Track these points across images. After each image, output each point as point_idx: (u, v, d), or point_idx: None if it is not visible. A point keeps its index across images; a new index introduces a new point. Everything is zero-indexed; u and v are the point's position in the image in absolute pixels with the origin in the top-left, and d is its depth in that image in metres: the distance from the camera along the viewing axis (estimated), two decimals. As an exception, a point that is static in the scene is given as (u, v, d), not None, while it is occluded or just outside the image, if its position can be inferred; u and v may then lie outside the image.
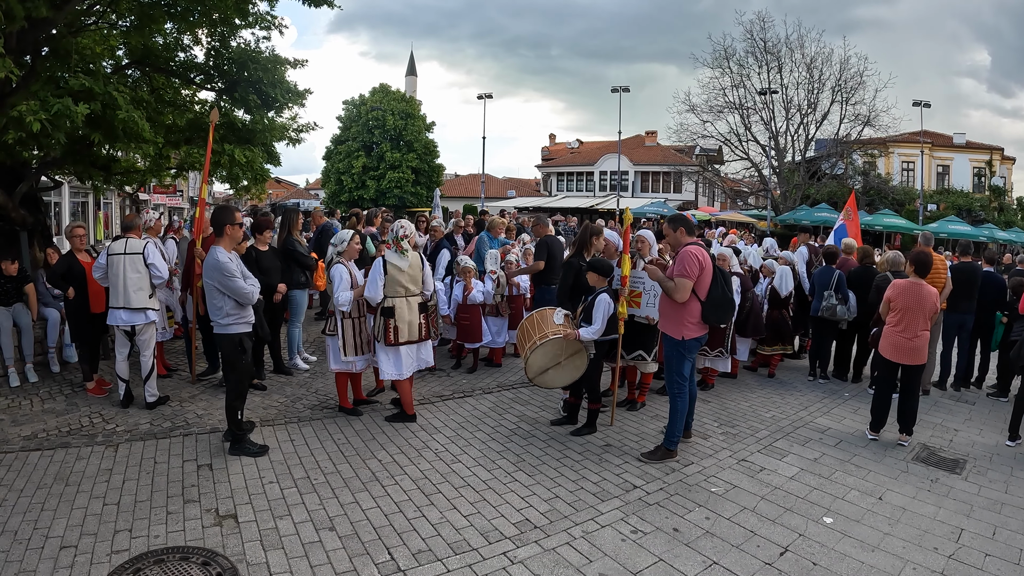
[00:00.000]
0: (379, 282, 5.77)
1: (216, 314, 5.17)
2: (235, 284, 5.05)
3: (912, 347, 5.90)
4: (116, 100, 6.69)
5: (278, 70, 9.23)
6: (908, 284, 6.00)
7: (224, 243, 5.19)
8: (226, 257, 5.08)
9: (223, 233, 5.20)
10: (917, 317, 5.88)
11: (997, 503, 4.76)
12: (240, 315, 5.21)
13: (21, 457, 5.06)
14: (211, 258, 5.08)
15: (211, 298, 5.15)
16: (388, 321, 5.83)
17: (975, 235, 25.28)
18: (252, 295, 5.18)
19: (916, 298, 5.89)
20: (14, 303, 7.10)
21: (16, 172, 8.47)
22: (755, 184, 37.73)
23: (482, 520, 4.24)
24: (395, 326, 5.83)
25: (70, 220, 23.42)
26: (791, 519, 4.38)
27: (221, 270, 5.01)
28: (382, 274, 5.79)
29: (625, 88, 37.07)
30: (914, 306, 5.89)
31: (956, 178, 38.90)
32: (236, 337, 5.21)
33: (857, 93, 32.00)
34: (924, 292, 5.90)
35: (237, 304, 5.16)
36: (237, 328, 5.21)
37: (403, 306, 5.88)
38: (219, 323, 5.18)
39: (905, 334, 5.92)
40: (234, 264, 5.13)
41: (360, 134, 46.81)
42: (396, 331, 5.84)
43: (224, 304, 5.12)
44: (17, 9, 5.86)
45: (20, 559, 3.61)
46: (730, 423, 6.41)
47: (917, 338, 5.89)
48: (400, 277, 5.84)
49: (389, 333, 5.83)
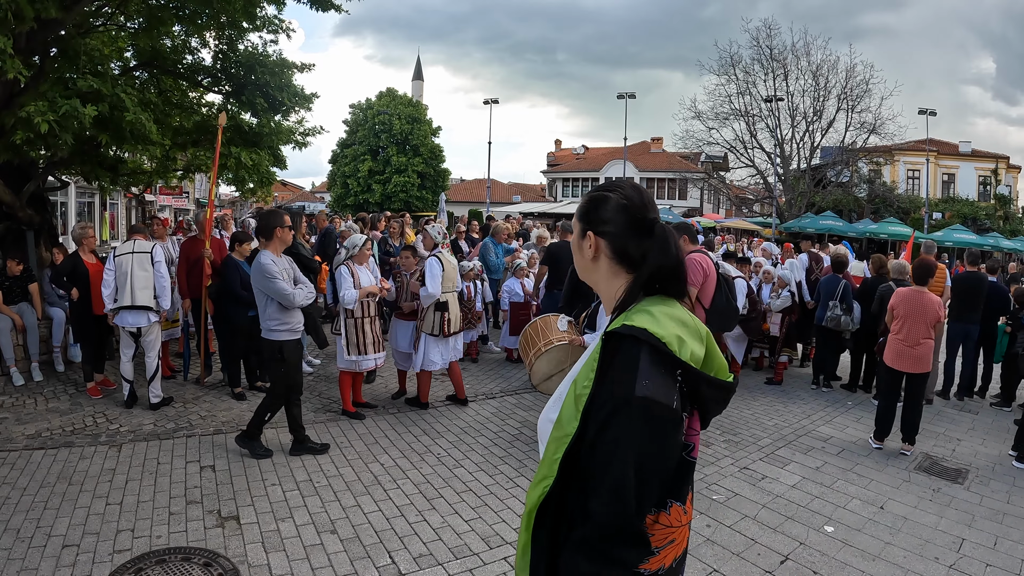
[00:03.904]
0: (439, 280, 6.13)
1: (262, 318, 5.15)
2: (276, 286, 5.02)
3: (914, 355, 5.89)
4: (124, 101, 6.73)
5: (285, 73, 9.27)
6: (910, 292, 6.01)
7: (272, 246, 5.16)
8: (269, 259, 5.06)
9: (272, 236, 5.16)
10: (918, 325, 5.88)
11: (999, 513, 4.74)
12: (283, 321, 5.16)
13: (25, 456, 5.09)
14: (256, 263, 5.07)
15: (258, 302, 5.16)
16: (444, 315, 6.26)
17: (980, 244, 25.18)
18: (294, 298, 5.10)
19: (917, 306, 5.90)
20: (19, 302, 7.14)
21: (23, 172, 8.51)
22: (760, 191, 37.71)
23: (483, 525, 4.25)
24: (448, 319, 6.31)
25: (76, 220, 23.54)
26: (792, 527, 4.37)
27: (263, 272, 5.00)
28: (440, 272, 6.15)
29: (631, 94, 37.07)
30: (915, 314, 5.89)
31: (962, 186, 38.76)
32: (276, 344, 5.17)
33: (863, 101, 31.99)
34: (926, 300, 5.90)
35: (281, 308, 5.12)
36: (280, 335, 5.16)
37: (453, 300, 6.44)
38: (265, 327, 5.16)
39: (907, 342, 5.92)
40: (277, 267, 5.08)
41: (366, 138, 46.90)
42: (449, 323, 6.34)
43: (268, 308, 5.11)
44: (27, 10, 5.90)
45: (22, 557, 3.62)
46: (732, 431, 6.40)
47: (919, 346, 5.88)
48: (452, 274, 6.38)
49: (446, 325, 6.29)
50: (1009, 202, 37.89)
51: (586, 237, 1.54)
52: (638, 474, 1.23)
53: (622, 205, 1.50)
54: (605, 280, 1.55)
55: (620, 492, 1.22)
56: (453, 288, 6.50)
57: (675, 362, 1.30)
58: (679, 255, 1.48)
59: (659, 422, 1.26)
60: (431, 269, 6.15)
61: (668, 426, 1.28)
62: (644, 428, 1.24)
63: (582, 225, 1.57)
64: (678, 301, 1.48)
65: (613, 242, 1.51)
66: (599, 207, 1.53)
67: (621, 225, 1.50)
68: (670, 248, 1.46)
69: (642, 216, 1.50)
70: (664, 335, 1.30)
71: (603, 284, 1.56)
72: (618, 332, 1.33)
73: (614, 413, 1.26)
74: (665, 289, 1.46)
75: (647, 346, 1.29)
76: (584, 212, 1.57)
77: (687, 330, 1.38)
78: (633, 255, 1.49)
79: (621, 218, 1.50)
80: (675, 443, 1.31)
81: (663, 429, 1.27)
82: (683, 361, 1.30)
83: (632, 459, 1.23)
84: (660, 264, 1.45)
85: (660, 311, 1.39)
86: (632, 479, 1.23)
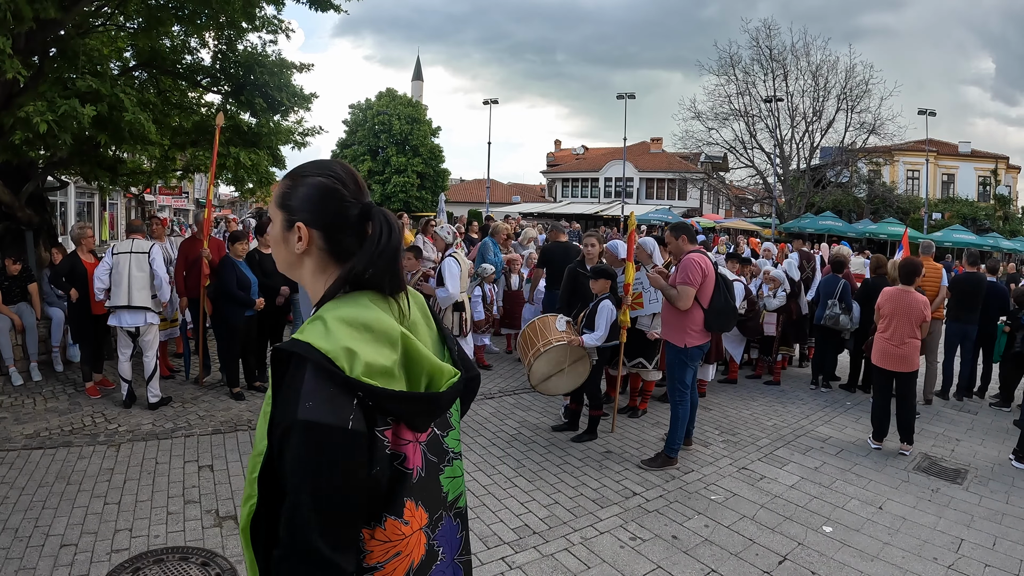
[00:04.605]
0: (458, 280, 6.21)
1: None
2: None
3: (899, 354, 5.90)
4: (123, 102, 6.72)
5: (284, 73, 9.26)
6: (896, 291, 6.03)
7: None
8: None
9: None
10: (904, 324, 5.89)
11: (998, 514, 4.74)
12: None
13: (23, 455, 5.09)
14: None
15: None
16: (463, 315, 6.40)
17: (980, 244, 25.20)
18: None
19: (903, 305, 5.91)
20: (18, 302, 7.14)
21: (23, 172, 8.51)
22: (760, 192, 37.73)
23: (481, 525, 4.25)
24: (466, 318, 6.48)
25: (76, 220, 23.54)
26: (790, 528, 4.37)
27: None
28: (459, 272, 6.23)
29: (631, 95, 37.12)
30: (900, 313, 5.90)
31: (961, 187, 38.78)
32: None
33: (862, 101, 32.08)
34: (911, 299, 5.91)
35: None
36: None
37: (466, 300, 6.57)
38: None
39: (892, 340, 5.93)
40: None
41: (366, 138, 46.94)
42: (467, 323, 6.51)
43: None
44: (26, 10, 5.90)
45: (20, 556, 3.62)
46: (731, 431, 6.41)
47: (905, 345, 5.89)
48: (466, 275, 6.47)
49: (464, 325, 6.46)
50: (1008, 202, 37.92)
51: (293, 229, 1.33)
52: (316, 498, 1.14)
53: (334, 190, 1.33)
54: (312, 276, 1.37)
55: (297, 516, 1.14)
56: (464, 288, 6.53)
57: (345, 380, 1.16)
58: (397, 245, 1.32)
59: (328, 447, 1.14)
60: (450, 269, 6.14)
61: (339, 450, 1.15)
62: (312, 453, 1.14)
63: (285, 214, 1.35)
64: (393, 297, 1.34)
65: (327, 232, 1.33)
66: (308, 193, 1.33)
67: (333, 212, 1.32)
68: (389, 236, 1.31)
69: (358, 201, 1.34)
70: (330, 349, 1.16)
71: (309, 281, 1.38)
72: (283, 349, 1.20)
73: (284, 436, 1.16)
74: (377, 284, 1.31)
75: (311, 363, 1.16)
76: (286, 198, 1.35)
77: (370, 336, 1.22)
78: (348, 247, 1.33)
79: (334, 205, 1.32)
80: (356, 465, 1.18)
81: (333, 453, 1.14)
82: (353, 379, 1.16)
83: (307, 484, 1.14)
84: (371, 256, 1.29)
85: (341, 316, 1.23)
86: (308, 503, 1.13)
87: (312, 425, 1.13)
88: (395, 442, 1.26)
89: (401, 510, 1.27)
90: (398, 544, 1.27)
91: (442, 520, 1.39)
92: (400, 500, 1.27)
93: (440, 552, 1.39)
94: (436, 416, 1.34)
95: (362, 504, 1.20)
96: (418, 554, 1.32)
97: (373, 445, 1.21)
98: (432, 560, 1.36)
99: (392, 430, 1.25)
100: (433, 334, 1.47)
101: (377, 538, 1.24)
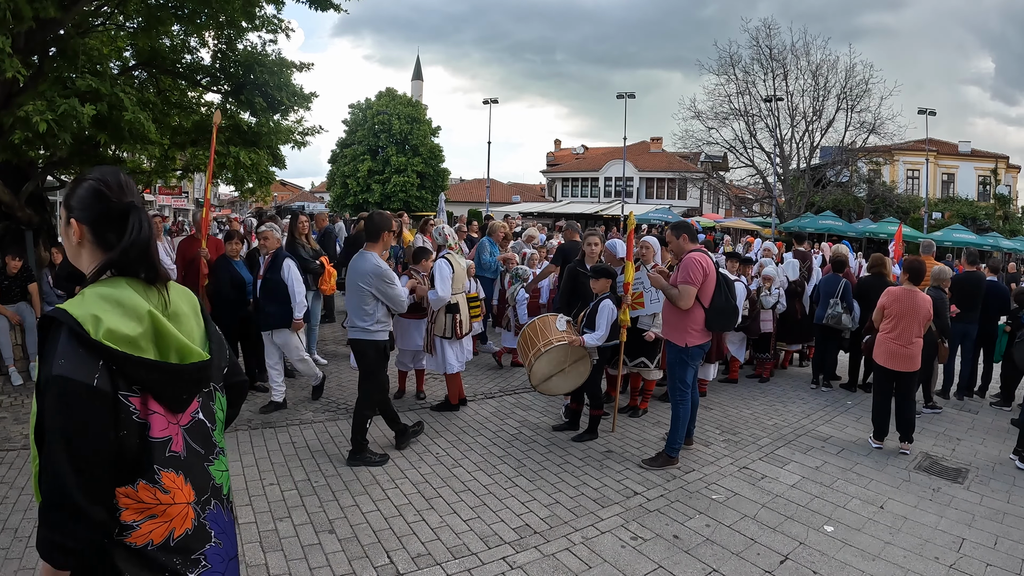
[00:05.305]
0: (448, 282, 6.07)
1: (365, 320, 5.06)
2: (395, 291, 5.02)
3: (906, 354, 5.90)
4: (123, 101, 6.72)
5: (284, 73, 9.26)
6: (902, 291, 6.01)
7: (378, 248, 5.13)
8: (383, 262, 5.04)
9: (379, 239, 5.13)
10: (911, 324, 5.88)
11: (999, 513, 4.73)
12: (388, 323, 5.20)
13: (23, 455, 5.08)
14: (369, 263, 4.99)
15: (362, 303, 5.05)
16: (456, 317, 6.26)
17: (980, 244, 25.20)
18: (406, 304, 5.17)
19: (910, 305, 5.90)
20: (18, 302, 7.13)
21: (22, 171, 8.52)
22: (760, 191, 37.70)
23: (482, 525, 4.24)
24: (460, 320, 6.32)
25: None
26: (792, 527, 4.36)
27: (383, 276, 4.97)
28: (450, 274, 6.09)
29: (630, 94, 37.14)
30: (908, 313, 5.90)
31: (961, 186, 38.81)
32: (382, 344, 5.15)
33: (862, 101, 31.98)
34: (918, 299, 5.91)
35: (388, 311, 5.14)
36: (383, 335, 5.16)
37: (462, 302, 6.40)
38: (367, 329, 5.08)
39: (899, 341, 5.92)
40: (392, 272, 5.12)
41: (366, 138, 46.91)
42: (461, 324, 6.35)
43: (376, 311, 5.06)
44: (25, 9, 5.90)
45: (20, 556, 3.62)
46: (732, 430, 6.40)
47: (911, 345, 5.89)
48: (461, 275, 6.33)
49: (458, 327, 6.30)
50: (1008, 202, 37.95)
51: (70, 224, 1.58)
52: (68, 449, 1.32)
53: (97, 191, 1.56)
54: (87, 264, 1.59)
55: (53, 466, 1.32)
56: (462, 289, 6.44)
57: (90, 342, 1.37)
58: (149, 237, 1.54)
59: (76, 400, 1.34)
60: (440, 271, 6.06)
61: (86, 404, 1.35)
62: (62, 406, 1.33)
63: (66, 212, 1.59)
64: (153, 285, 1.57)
65: (93, 227, 1.57)
66: (80, 194, 1.57)
67: (98, 211, 1.56)
68: (139, 231, 1.53)
69: (118, 200, 1.56)
70: (80, 315, 1.39)
71: (86, 268, 1.60)
72: (46, 315, 1.43)
73: (43, 392, 1.36)
74: (133, 271, 1.54)
75: (65, 327, 1.38)
76: (68, 199, 1.59)
77: (120, 310, 1.45)
78: (111, 240, 1.55)
79: (98, 204, 1.56)
80: (100, 420, 1.37)
81: (82, 407, 1.34)
82: (96, 341, 1.37)
83: (59, 436, 1.33)
84: (125, 248, 1.51)
85: (97, 292, 1.47)
86: (62, 454, 1.32)
87: (62, 380, 1.34)
88: (143, 411, 1.45)
89: (156, 477, 1.45)
90: (153, 508, 1.45)
91: (211, 504, 1.60)
92: (152, 468, 1.44)
93: (213, 535, 1.58)
94: (181, 391, 1.54)
95: (109, 460, 1.38)
96: (181, 525, 1.50)
97: (118, 407, 1.40)
98: (204, 539, 1.56)
99: (140, 399, 1.45)
100: (200, 330, 1.69)
101: (129, 497, 1.42)
